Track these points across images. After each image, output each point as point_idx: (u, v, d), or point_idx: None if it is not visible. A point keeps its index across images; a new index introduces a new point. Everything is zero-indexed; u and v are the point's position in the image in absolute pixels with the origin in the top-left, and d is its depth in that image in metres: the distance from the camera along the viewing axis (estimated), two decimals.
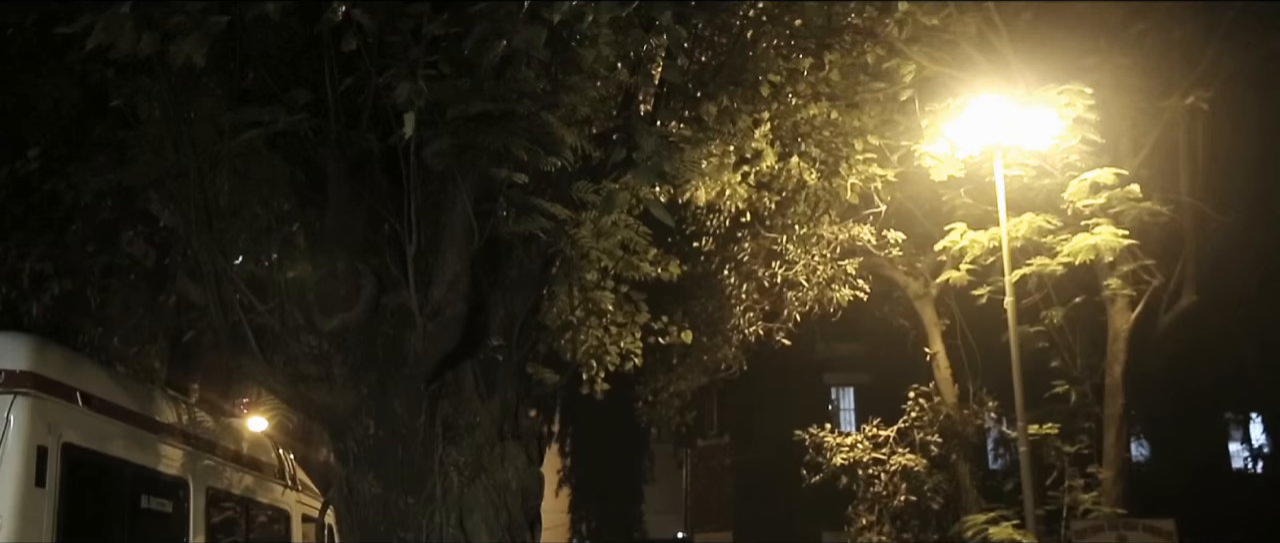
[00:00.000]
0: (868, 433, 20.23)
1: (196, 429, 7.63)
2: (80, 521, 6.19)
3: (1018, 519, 17.39)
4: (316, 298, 5.98)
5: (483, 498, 5.98)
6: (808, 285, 17.54)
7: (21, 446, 5.80)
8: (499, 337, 6.46)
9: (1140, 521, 17.45)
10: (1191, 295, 18.20)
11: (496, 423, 6.19)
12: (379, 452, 5.93)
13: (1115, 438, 18.33)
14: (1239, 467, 29.14)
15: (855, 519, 20.01)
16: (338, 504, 6.24)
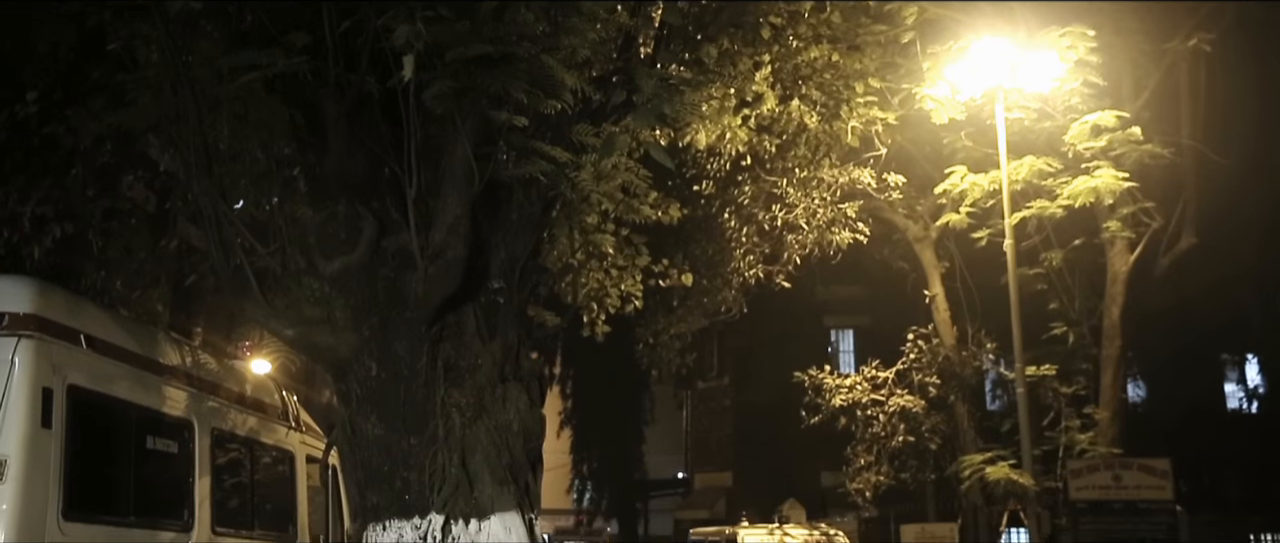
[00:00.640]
0: (867, 375, 20.36)
1: (200, 371, 7.68)
2: (86, 461, 6.25)
3: (1014, 459, 17.57)
4: (317, 241, 6.01)
5: (484, 439, 6.04)
6: (808, 228, 17.55)
7: (27, 387, 5.84)
8: (499, 279, 6.49)
9: (1135, 460, 17.62)
10: (1191, 238, 18.23)
11: (498, 365, 6.24)
12: (381, 393, 5.98)
13: (1112, 379, 18.45)
14: (1234, 408, 29.35)
15: (854, 459, 20.21)
16: (341, 445, 6.31)
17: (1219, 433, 24.99)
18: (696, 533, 21.32)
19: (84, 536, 6.04)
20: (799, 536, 18.50)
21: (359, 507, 6.26)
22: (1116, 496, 17.16)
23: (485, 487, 6.00)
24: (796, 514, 20.03)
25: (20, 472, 5.69)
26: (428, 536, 5.87)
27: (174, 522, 7.08)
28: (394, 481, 5.98)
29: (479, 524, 5.93)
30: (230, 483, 7.99)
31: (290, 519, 8.75)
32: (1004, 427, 19.02)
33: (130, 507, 6.66)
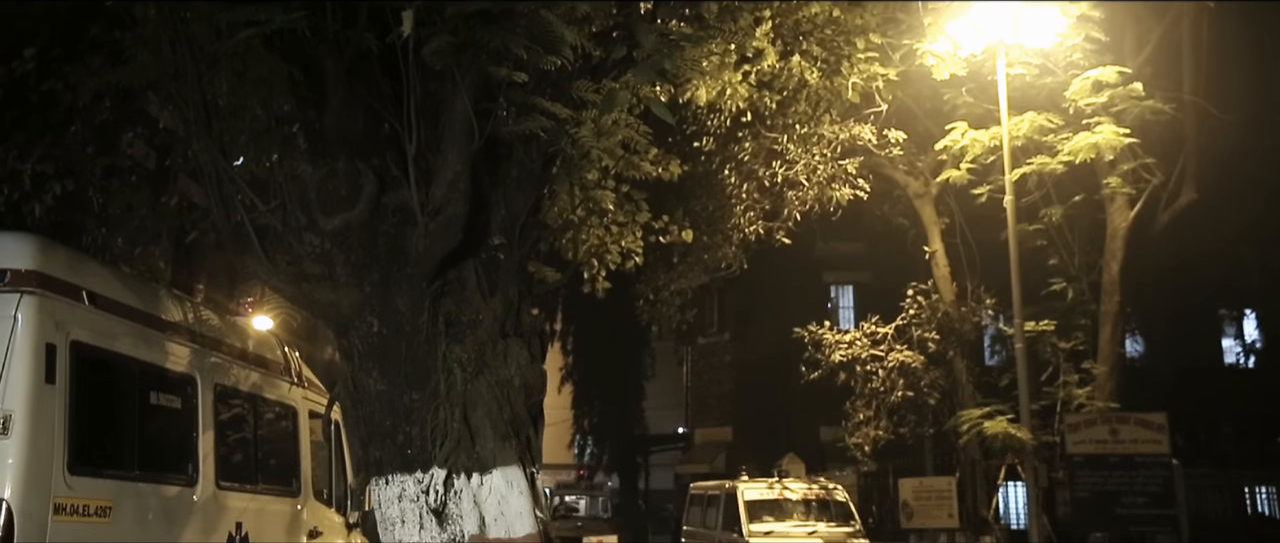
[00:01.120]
0: (866, 330, 20.42)
1: (202, 328, 7.72)
2: (90, 416, 6.30)
3: (1012, 414, 17.67)
4: (318, 197, 6.01)
5: (486, 394, 6.08)
6: (808, 185, 17.55)
7: (30, 343, 5.88)
8: (500, 236, 6.51)
9: (1132, 414, 17.74)
10: (1191, 194, 18.23)
11: (499, 320, 6.27)
12: (383, 349, 6.01)
13: (1110, 334, 18.53)
14: (1231, 363, 29.47)
15: (853, 414, 20.31)
16: (343, 400, 6.36)
17: (1216, 388, 25.12)
18: (696, 487, 21.50)
19: (89, 490, 6.11)
20: (798, 489, 18.65)
21: (362, 461, 6.32)
22: (1113, 450, 17.29)
23: (487, 441, 6.05)
24: (796, 469, 20.17)
25: (25, 427, 5.74)
26: (430, 489, 5.92)
27: (178, 476, 7.14)
28: (396, 435, 6.02)
29: (481, 478, 5.98)
30: (234, 438, 8.05)
31: (294, 474, 8.83)
32: (1002, 382, 19.12)
33: (135, 461, 6.72)
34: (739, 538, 17.74)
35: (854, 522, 18.26)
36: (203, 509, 7.28)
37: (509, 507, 6.02)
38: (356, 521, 9.65)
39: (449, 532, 5.95)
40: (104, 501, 6.24)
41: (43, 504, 5.75)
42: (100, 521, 6.20)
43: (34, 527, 5.67)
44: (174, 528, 6.96)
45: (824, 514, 18.22)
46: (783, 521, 17.97)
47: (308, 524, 8.81)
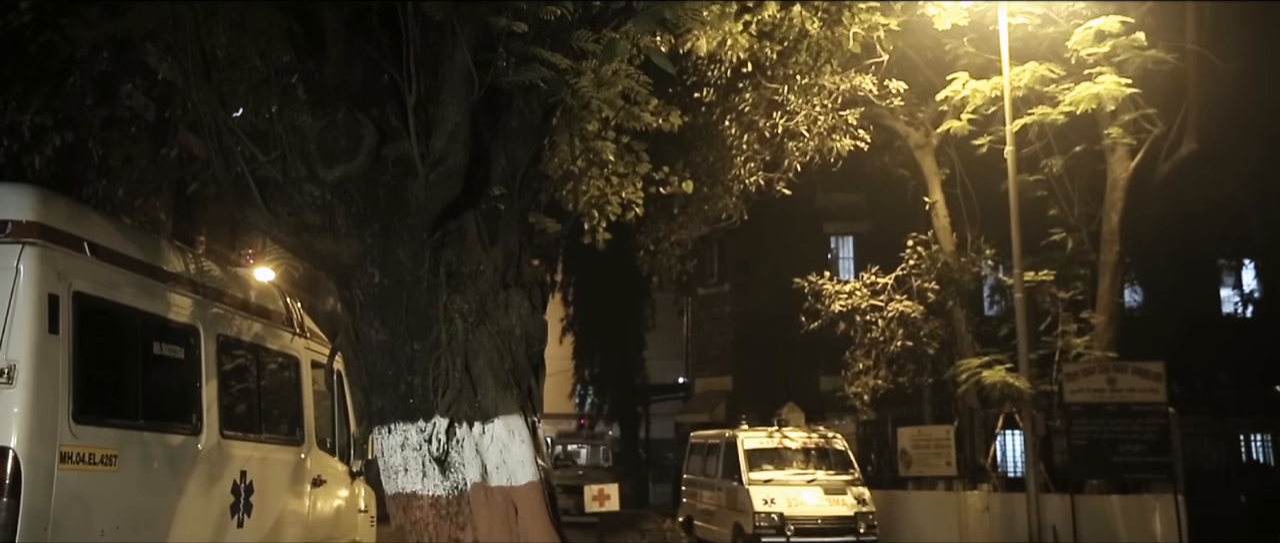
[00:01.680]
0: (866, 281, 20.48)
1: (204, 278, 7.75)
2: (94, 367, 6.35)
3: (1011, 363, 17.78)
4: (318, 149, 6.01)
5: (487, 344, 6.12)
6: (808, 135, 17.52)
7: (33, 294, 5.91)
8: (500, 186, 6.52)
9: (1130, 363, 17.84)
10: (1192, 144, 18.21)
11: (499, 271, 6.29)
12: (384, 299, 6.04)
13: (1109, 284, 18.59)
14: (1229, 312, 29.56)
15: (852, 364, 20.42)
16: (345, 351, 6.39)
17: (1214, 337, 25.21)
18: (697, 436, 21.65)
19: (95, 438, 6.17)
20: (798, 438, 18.78)
21: (364, 411, 6.37)
22: (1110, 399, 17.41)
23: (488, 391, 6.10)
24: (795, 418, 20.30)
25: (30, 376, 5.79)
26: (433, 438, 5.98)
27: (183, 425, 7.20)
28: (398, 385, 6.07)
29: (483, 427, 6.04)
30: (237, 388, 8.11)
31: (297, 423, 8.90)
32: (1001, 331, 19.21)
33: (139, 411, 6.78)
34: (739, 486, 17.90)
35: (853, 470, 18.41)
36: (207, 458, 7.35)
37: (511, 455, 6.08)
38: (360, 469, 9.75)
39: (451, 480, 6.01)
40: (109, 449, 6.31)
41: (49, 453, 5.81)
42: (106, 469, 6.27)
43: (40, 475, 5.73)
44: (179, 476, 7.03)
45: (823, 463, 18.37)
46: (782, 469, 18.12)
47: (311, 473, 8.90)
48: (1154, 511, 17.60)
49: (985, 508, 18.11)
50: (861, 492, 17.89)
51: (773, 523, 17.13)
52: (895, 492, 19.82)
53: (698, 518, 20.13)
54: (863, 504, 17.63)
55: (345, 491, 9.57)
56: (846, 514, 17.43)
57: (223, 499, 7.51)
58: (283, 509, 8.39)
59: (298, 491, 8.69)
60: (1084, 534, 17.44)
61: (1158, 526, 17.52)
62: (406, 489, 6.08)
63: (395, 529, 6.19)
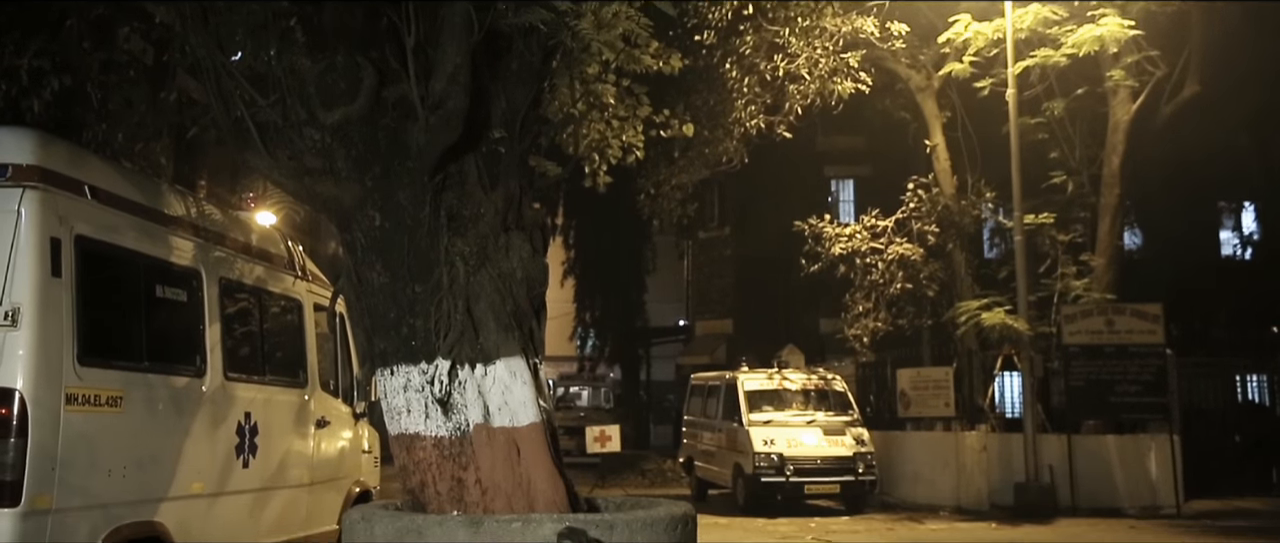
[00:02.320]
0: (866, 223, 20.51)
1: (205, 222, 7.77)
2: (97, 310, 6.39)
3: (1010, 305, 17.86)
4: (317, 92, 6.00)
5: (488, 286, 6.13)
6: (809, 78, 17.46)
7: (35, 237, 5.93)
8: (500, 130, 6.50)
9: (1129, 305, 17.94)
10: (1194, 86, 18.15)
11: (500, 214, 6.29)
12: (385, 242, 6.05)
13: (1109, 227, 18.63)
14: (1228, 254, 29.61)
15: (852, 307, 20.51)
16: (347, 293, 6.42)
17: (1212, 279, 25.28)
18: (697, 378, 21.79)
19: (100, 380, 6.23)
20: (797, 380, 18.91)
21: (367, 353, 6.41)
22: (1109, 340, 17.53)
23: (490, 333, 6.13)
24: (795, 359, 20.42)
25: (34, 319, 5.83)
26: (435, 380, 6.02)
27: (187, 367, 7.26)
28: (400, 328, 6.10)
29: (485, 369, 6.08)
30: (240, 331, 8.17)
31: (300, 365, 8.97)
32: (1001, 274, 19.28)
33: (143, 353, 6.84)
34: (739, 427, 18.06)
35: (852, 411, 18.56)
36: (212, 400, 7.42)
37: (513, 397, 6.13)
38: (363, 411, 9.83)
39: (454, 421, 6.07)
40: (114, 391, 6.37)
41: (54, 394, 5.87)
42: (112, 410, 6.34)
43: (46, 416, 5.80)
44: (184, 418, 7.11)
45: (822, 404, 18.51)
46: (782, 410, 18.26)
47: (315, 414, 8.98)
48: (1150, 450, 17.79)
49: (983, 448, 18.29)
50: (860, 433, 18.04)
51: (772, 464, 17.30)
52: (894, 433, 19.99)
53: (698, 459, 20.33)
54: (862, 445, 17.79)
55: (349, 432, 9.66)
56: (845, 455, 17.60)
57: (228, 440, 7.60)
58: (287, 450, 8.48)
59: (302, 432, 8.78)
60: (1080, 474, 17.63)
61: (1153, 465, 17.72)
62: (409, 430, 6.14)
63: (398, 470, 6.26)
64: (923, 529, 15.88)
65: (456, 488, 6.07)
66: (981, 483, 18.21)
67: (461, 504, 6.05)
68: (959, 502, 18.21)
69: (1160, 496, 17.55)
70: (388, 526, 5.68)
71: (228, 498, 7.57)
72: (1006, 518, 16.77)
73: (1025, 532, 15.36)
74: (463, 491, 6.06)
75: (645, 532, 5.75)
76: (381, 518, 5.78)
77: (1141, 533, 15.13)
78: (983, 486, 18.18)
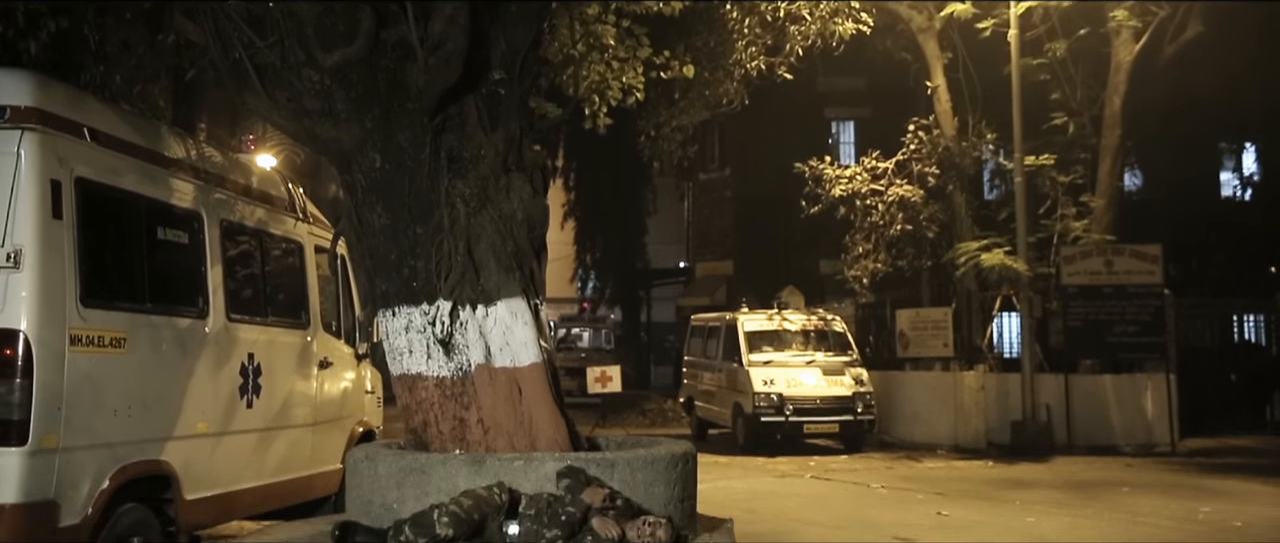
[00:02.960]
0: (866, 165, 20.49)
1: (206, 165, 7.77)
2: (99, 251, 6.42)
3: (1010, 246, 17.91)
4: (316, 33, 5.98)
5: (489, 228, 6.16)
6: (810, 19, 17.32)
7: (35, 179, 5.93)
8: (500, 71, 6.49)
9: (1128, 246, 17.99)
10: (1197, 27, 18.05)
11: (500, 156, 6.30)
12: (386, 184, 6.07)
13: (1110, 168, 18.63)
14: (1228, 195, 29.58)
15: (852, 248, 20.56)
16: (348, 235, 6.45)
17: (1212, 220, 25.29)
18: (697, 319, 21.88)
19: (103, 321, 6.27)
20: (797, 320, 19.00)
21: (369, 294, 6.46)
22: (1107, 281, 17.60)
23: (491, 274, 6.17)
24: (795, 300, 20.50)
25: (37, 261, 5.85)
26: (436, 321, 6.07)
27: (189, 309, 7.31)
28: (402, 269, 6.13)
29: (486, 310, 6.12)
30: (242, 273, 8.21)
31: (302, 307, 9.01)
32: (1001, 215, 19.31)
33: (146, 294, 6.87)
34: (739, 368, 18.17)
35: (851, 352, 18.66)
36: (215, 341, 7.47)
37: (514, 337, 6.18)
38: (366, 351, 9.89)
39: (456, 361, 6.12)
40: (118, 332, 6.42)
41: (58, 335, 5.91)
42: (115, 351, 6.39)
43: (51, 356, 5.84)
44: (188, 359, 7.17)
45: (822, 344, 18.61)
46: (782, 350, 18.37)
47: (318, 355, 9.05)
48: (1146, 389, 17.93)
49: (981, 388, 18.42)
50: (860, 373, 18.16)
51: (772, 403, 17.44)
52: (893, 372, 20.12)
53: (698, 399, 20.48)
54: (861, 385, 17.92)
55: (352, 372, 9.74)
56: (845, 395, 17.73)
57: (231, 381, 7.66)
58: (290, 390, 8.56)
59: (305, 372, 8.85)
60: (1076, 413, 17.78)
61: (1149, 404, 17.87)
62: (411, 371, 6.20)
63: (401, 410, 6.33)
64: (920, 468, 16.05)
65: (459, 427, 6.14)
66: (979, 422, 18.36)
67: (464, 443, 6.12)
68: (956, 441, 18.38)
69: (1155, 434, 17.72)
70: (391, 464, 5.75)
71: (232, 438, 7.65)
72: (1003, 456, 16.94)
73: (1021, 470, 15.52)
74: (465, 430, 6.13)
75: (646, 470, 5.82)
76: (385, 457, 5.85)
77: (1137, 471, 15.29)
78: (980, 425, 18.34)
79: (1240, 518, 11.11)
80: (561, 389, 6.40)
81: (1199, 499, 12.45)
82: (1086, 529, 10.47)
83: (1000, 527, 10.65)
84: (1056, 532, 10.30)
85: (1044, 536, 10.08)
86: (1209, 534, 10.32)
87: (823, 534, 10.27)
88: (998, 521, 11.07)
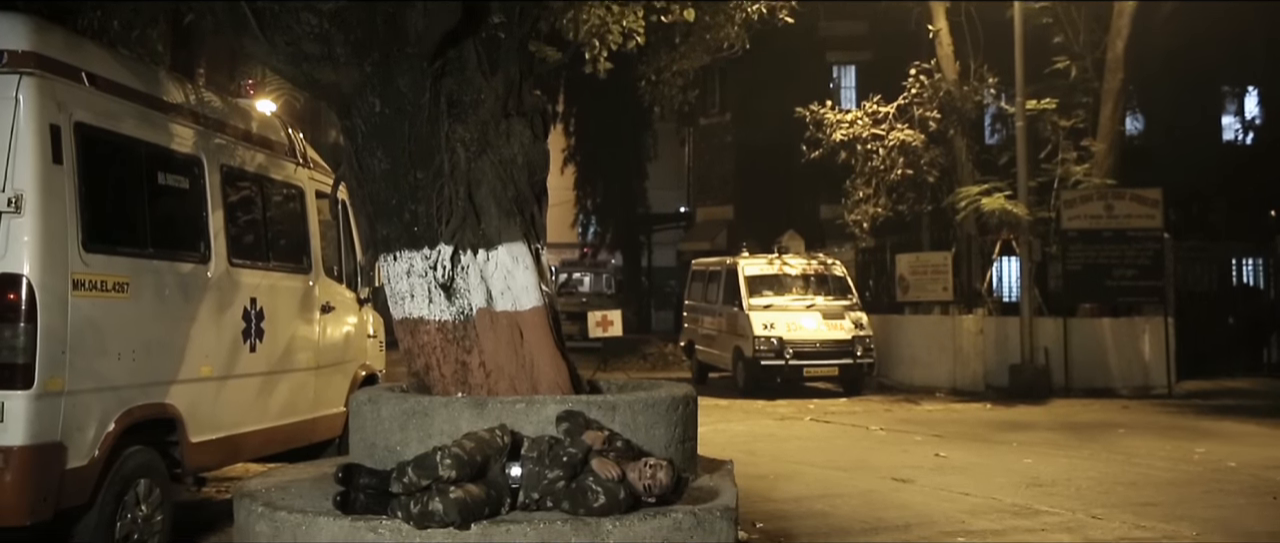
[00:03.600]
0: (867, 110, 20.42)
1: (206, 109, 7.74)
2: (100, 196, 6.42)
3: (1010, 191, 17.89)
4: None
5: (490, 172, 6.16)
6: None
7: (34, 124, 5.91)
8: (500, 14, 6.46)
9: (1128, 190, 17.98)
10: None
11: (500, 100, 6.28)
12: (386, 129, 6.06)
13: (1112, 112, 18.56)
14: (1229, 139, 29.48)
15: (852, 192, 20.56)
16: (349, 180, 6.44)
17: (1213, 164, 25.24)
18: (698, 264, 21.93)
19: (105, 266, 6.29)
20: (797, 265, 19.04)
21: (370, 239, 6.47)
22: (1107, 225, 17.63)
23: (492, 219, 6.18)
24: (795, 245, 20.53)
25: (38, 205, 5.85)
26: (438, 265, 6.09)
27: (191, 254, 7.33)
28: (402, 213, 6.14)
29: (487, 254, 6.14)
30: (243, 218, 8.21)
31: (304, 251, 9.03)
32: (1001, 160, 19.28)
33: (148, 239, 6.88)
34: (739, 312, 18.24)
35: (851, 296, 18.72)
36: (217, 285, 7.50)
37: (515, 281, 6.21)
38: (367, 296, 9.93)
39: (457, 305, 6.15)
40: (121, 277, 6.44)
41: (61, 280, 5.93)
42: (118, 296, 6.42)
43: (55, 301, 5.86)
44: (191, 303, 7.20)
45: (822, 288, 18.66)
46: (782, 295, 18.43)
47: (320, 300, 9.08)
48: (1144, 332, 18.02)
49: (980, 332, 18.50)
50: (859, 317, 18.23)
51: (772, 347, 17.53)
52: (892, 317, 20.20)
53: (699, 343, 20.57)
54: (860, 329, 18.00)
55: (354, 317, 9.78)
56: (844, 338, 17.82)
57: (234, 325, 7.70)
58: (293, 335, 8.60)
59: (307, 317, 8.89)
60: (1074, 356, 17.88)
61: (1147, 347, 17.97)
62: (413, 315, 6.23)
63: (403, 353, 6.37)
64: (919, 410, 16.16)
65: (461, 371, 6.19)
66: (978, 365, 18.46)
67: (466, 386, 6.17)
68: (955, 384, 18.49)
69: (1152, 376, 17.83)
70: (394, 407, 5.81)
71: (236, 381, 7.71)
72: (1001, 399, 17.06)
73: (1019, 412, 15.64)
74: (467, 373, 6.18)
75: (647, 412, 5.88)
76: (388, 400, 5.90)
77: (1133, 413, 15.40)
78: (979, 368, 18.44)
79: (1234, 459, 11.22)
80: (563, 333, 6.44)
81: (1194, 440, 12.56)
82: (1082, 470, 10.58)
83: (997, 468, 10.75)
84: (1052, 473, 10.41)
85: (1040, 477, 10.19)
86: (1203, 474, 10.43)
87: (822, 476, 10.38)
88: (995, 462, 11.18)
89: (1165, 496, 9.28)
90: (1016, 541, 7.53)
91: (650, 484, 5.29)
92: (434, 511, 4.91)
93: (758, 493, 9.03)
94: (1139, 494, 9.33)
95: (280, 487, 6.03)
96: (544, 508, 5.22)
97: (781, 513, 8.42)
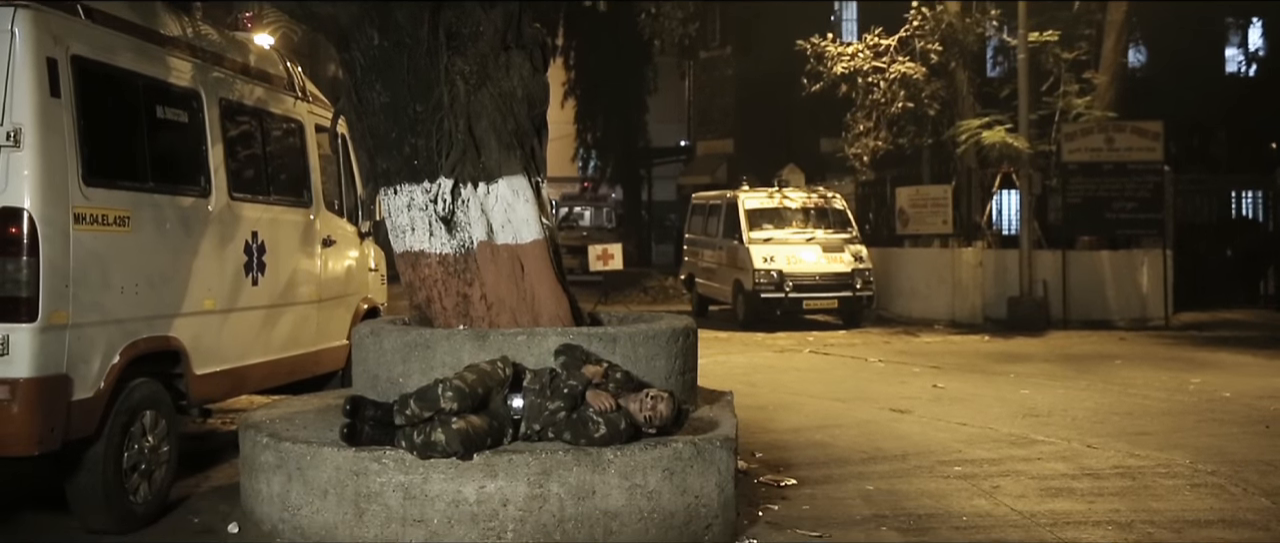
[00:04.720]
0: (869, 42, 20.27)
1: (203, 43, 7.69)
2: (99, 130, 6.40)
3: (1011, 124, 17.84)
4: None
5: (489, 105, 6.16)
6: None
7: (31, 57, 5.88)
8: None
9: (1129, 123, 17.92)
10: None
11: (499, 32, 6.26)
12: (385, 62, 6.05)
13: (1114, 44, 18.44)
14: (1233, 71, 29.29)
15: (852, 126, 20.49)
16: (348, 114, 6.45)
17: (1216, 96, 25.11)
18: (698, 197, 21.92)
19: (106, 199, 6.29)
20: (797, 198, 19.03)
21: (370, 173, 6.49)
22: (1108, 158, 17.60)
23: (492, 152, 6.19)
24: (795, 178, 20.50)
25: (37, 139, 5.84)
26: (438, 198, 6.11)
27: (192, 188, 7.32)
28: (402, 147, 6.15)
29: (487, 187, 6.16)
30: (243, 152, 8.20)
31: (304, 185, 9.02)
32: (1003, 93, 19.19)
33: (148, 173, 6.88)
34: (739, 245, 18.27)
35: (851, 229, 18.74)
36: (218, 219, 7.51)
37: (515, 214, 6.23)
38: (368, 230, 9.95)
39: (458, 238, 6.19)
40: (122, 211, 6.45)
41: (62, 213, 5.94)
42: (120, 229, 6.43)
43: (56, 234, 5.88)
44: (192, 237, 7.22)
45: (822, 222, 18.68)
46: (782, 228, 18.45)
47: (321, 234, 9.10)
48: (1142, 265, 18.08)
49: (979, 264, 18.54)
50: (859, 250, 18.27)
51: (772, 280, 17.59)
52: (892, 249, 20.24)
53: (699, 276, 20.63)
54: (860, 262, 18.04)
55: (355, 251, 9.81)
56: (844, 271, 17.87)
57: (236, 259, 7.72)
58: (295, 268, 8.63)
59: (309, 251, 8.91)
60: (1073, 288, 17.95)
61: (1145, 279, 18.04)
62: (414, 248, 6.27)
63: (405, 287, 6.42)
64: (917, 342, 16.26)
65: (462, 303, 6.24)
66: (976, 298, 18.53)
67: (467, 319, 6.23)
68: (954, 316, 18.58)
69: (1150, 308, 17.90)
70: (396, 340, 5.86)
71: (239, 314, 7.75)
72: (999, 331, 17.15)
73: (1017, 344, 15.73)
74: (468, 306, 6.23)
75: (647, 345, 5.94)
76: (390, 333, 5.96)
77: (1130, 344, 15.50)
78: (977, 300, 18.51)
79: (1229, 389, 11.31)
80: (563, 267, 6.48)
81: (1189, 371, 12.65)
82: (1078, 401, 10.67)
83: (994, 398, 10.85)
84: (1049, 403, 10.50)
85: (1037, 407, 10.28)
86: (1198, 404, 10.52)
87: (820, 406, 10.47)
88: (992, 392, 11.27)
89: (1160, 425, 9.37)
90: (1012, 469, 7.62)
91: (651, 415, 5.36)
92: (436, 441, 4.98)
93: (757, 424, 9.12)
94: (1134, 424, 9.42)
95: (285, 418, 6.10)
96: (546, 439, 5.30)
97: (780, 443, 8.51)
